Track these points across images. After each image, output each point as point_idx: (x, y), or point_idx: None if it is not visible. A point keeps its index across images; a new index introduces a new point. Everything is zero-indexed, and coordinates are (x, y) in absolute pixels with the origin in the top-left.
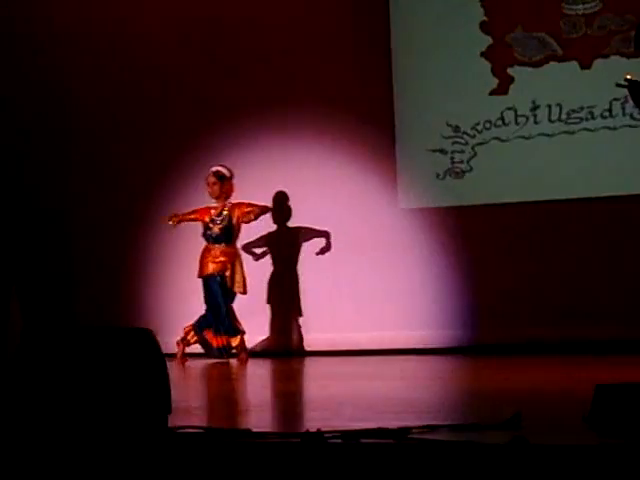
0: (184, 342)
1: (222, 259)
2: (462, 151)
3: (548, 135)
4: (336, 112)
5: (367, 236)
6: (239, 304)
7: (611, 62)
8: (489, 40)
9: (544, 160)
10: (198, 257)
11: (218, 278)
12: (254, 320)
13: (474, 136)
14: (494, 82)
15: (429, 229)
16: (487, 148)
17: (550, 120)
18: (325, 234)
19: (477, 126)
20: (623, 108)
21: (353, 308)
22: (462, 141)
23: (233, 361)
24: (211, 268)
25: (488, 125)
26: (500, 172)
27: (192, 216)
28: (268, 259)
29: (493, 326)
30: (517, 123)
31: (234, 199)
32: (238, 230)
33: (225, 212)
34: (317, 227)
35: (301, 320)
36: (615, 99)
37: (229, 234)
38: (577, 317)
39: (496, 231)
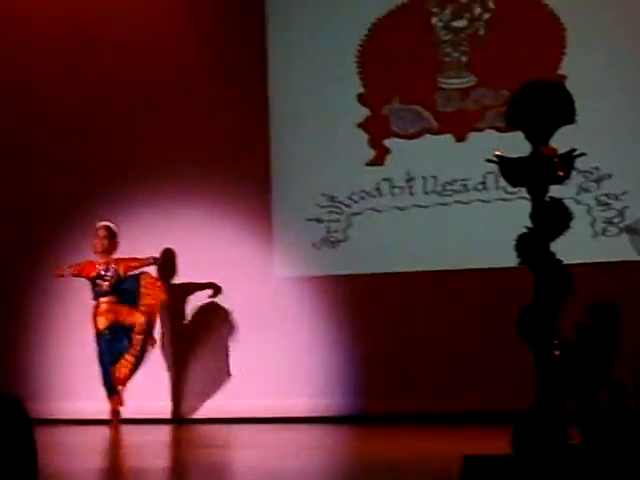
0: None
1: (112, 313)
2: (338, 220)
3: (423, 206)
4: (216, 178)
5: (244, 303)
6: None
7: (485, 136)
8: (366, 111)
9: (419, 231)
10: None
11: (111, 331)
12: (135, 382)
13: (350, 206)
14: (371, 153)
15: (305, 298)
16: (363, 218)
17: (425, 192)
18: (212, 285)
19: (353, 196)
20: (497, 181)
21: (234, 375)
22: (338, 211)
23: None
24: (102, 323)
25: (364, 195)
26: (375, 242)
27: (76, 271)
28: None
29: (373, 396)
30: (392, 194)
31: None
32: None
33: (113, 267)
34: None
35: (185, 387)
36: (489, 172)
37: (118, 287)
38: (448, 388)
39: (372, 300)
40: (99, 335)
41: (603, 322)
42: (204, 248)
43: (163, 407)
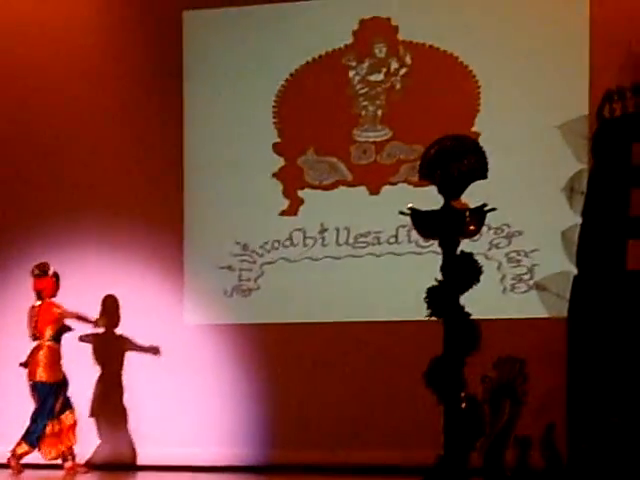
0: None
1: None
2: (250, 269)
3: (335, 258)
4: (131, 224)
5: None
6: None
7: (399, 190)
8: (281, 161)
9: (330, 282)
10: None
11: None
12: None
13: (262, 255)
14: (285, 203)
15: (215, 345)
16: (275, 267)
17: (338, 243)
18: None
19: (266, 245)
20: (409, 235)
21: (142, 422)
22: (250, 259)
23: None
24: (60, 374)
25: (277, 245)
26: (287, 292)
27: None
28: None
29: (280, 446)
30: (305, 244)
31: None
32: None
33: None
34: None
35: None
36: (402, 226)
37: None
38: (361, 439)
39: (281, 349)
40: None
41: (509, 376)
42: (118, 294)
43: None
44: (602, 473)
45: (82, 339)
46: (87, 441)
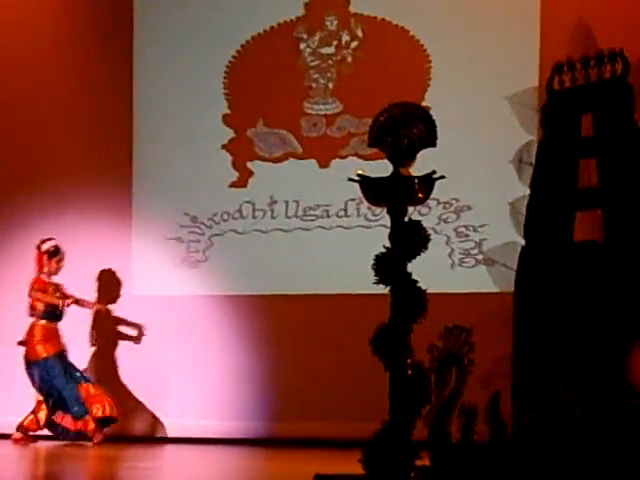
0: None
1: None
2: (198, 241)
3: (284, 230)
4: (80, 193)
5: (103, 320)
6: None
7: (348, 163)
8: (231, 133)
9: (279, 254)
10: None
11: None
12: None
13: (211, 227)
14: (234, 175)
15: (163, 316)
16: (224, 239)
17: (287, 216)
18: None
19: (215, 217)
20: (358, 209)
21: None
22: (199, 231)
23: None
24: (58, 346)
25: (226, 217)
26: (235, 264)
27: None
28: None
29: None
30: (255, 217)
31: None
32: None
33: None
34: None
35: None
36: (351, 199)
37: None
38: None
39: (227, 321)
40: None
41: (456, 345)
42: (65, 264)
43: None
44: (546, 441)
45: None
46: None
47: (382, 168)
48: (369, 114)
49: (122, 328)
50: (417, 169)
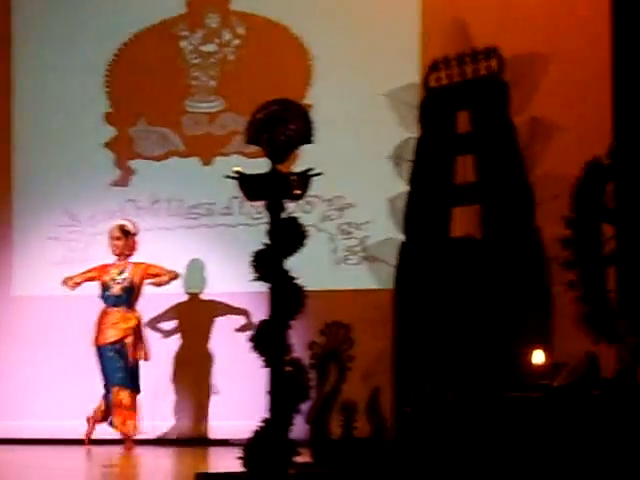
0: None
1: (123, 325)
2: (78, 240)
3: (167, 229)
4: None
5: None
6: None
7: (231, 161)
8: (113, 131)
9: (162, 253)
10: None
11: (116, 346)
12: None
13: (93, 226)
14: (116, 173)
15: (42, 317)
16: (104, 239)
17: (170, 214)
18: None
19: (96, 216)
20: (241, 206)
21: None
22: (79, 230)
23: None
24: (109, 335)
25: (107, 216)
26: None
27: (89, 275)
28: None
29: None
30: (137, 215)
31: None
32: (139, 293)
33: (127, 272)
34: None
35: None
36: (234, 197)
37: (130, 296)
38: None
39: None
40: (103, 347)
41: (336, 341)
42: None
43: None
44: (425, 435)
45: None
46: None
47: (265, 165)
48: (251, 111)
49: None
50: (300, 167)
